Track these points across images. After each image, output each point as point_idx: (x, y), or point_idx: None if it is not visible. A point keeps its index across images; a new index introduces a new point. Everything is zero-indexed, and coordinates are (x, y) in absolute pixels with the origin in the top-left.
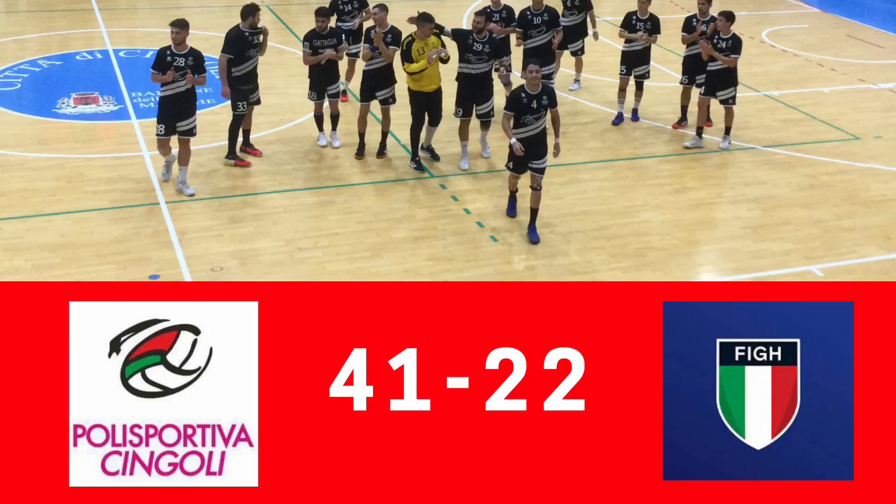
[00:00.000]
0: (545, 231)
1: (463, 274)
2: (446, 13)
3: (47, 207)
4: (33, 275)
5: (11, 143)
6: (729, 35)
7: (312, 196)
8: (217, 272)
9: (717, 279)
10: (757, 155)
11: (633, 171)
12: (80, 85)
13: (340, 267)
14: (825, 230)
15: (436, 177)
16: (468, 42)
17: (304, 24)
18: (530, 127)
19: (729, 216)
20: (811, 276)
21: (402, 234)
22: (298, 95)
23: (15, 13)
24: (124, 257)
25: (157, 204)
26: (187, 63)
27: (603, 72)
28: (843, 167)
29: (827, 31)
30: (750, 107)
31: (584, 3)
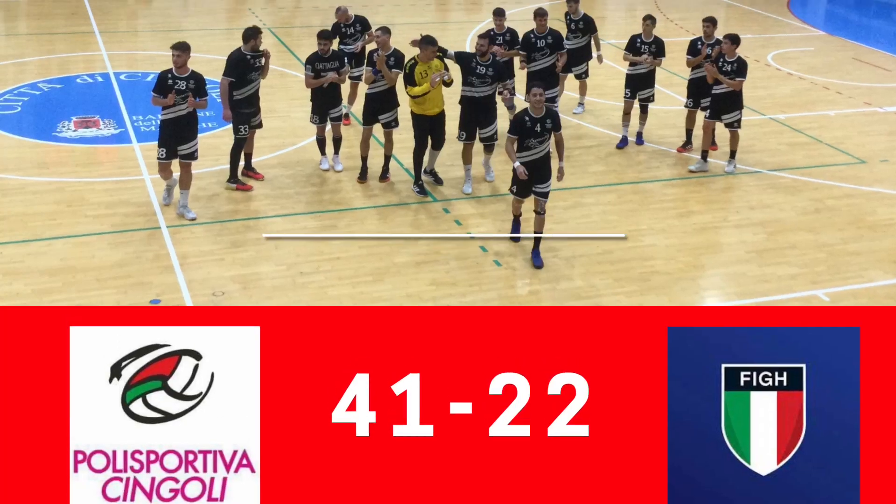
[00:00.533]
0: (549, 255)
1: (466, 298)
2: (449, 36)
3: (47, 231)
4: (33, 299)
5: (11, 166)
6: (734, 58)
7: (314, 220)
8: (218, 297)
9: (722, 304)
10: (762, 179)
11: (638, 194)
12: (80, 108)
13: (342, 291)
14: (831, 254)
15: (439, 201)
16: (471, 65)
17: (307, 47)
18: (534, 151)
19: (734, 240)
20: (817, 300)
21: (405, 258)
22: (300, 119)
23: (15, 36)
24: (125, 282)
25: (158, 228)
26: (188, 86)
27: (607, 95)
28: (848, 191)
29: (833, 54)
30: (755, 130)
31: (589, 26)
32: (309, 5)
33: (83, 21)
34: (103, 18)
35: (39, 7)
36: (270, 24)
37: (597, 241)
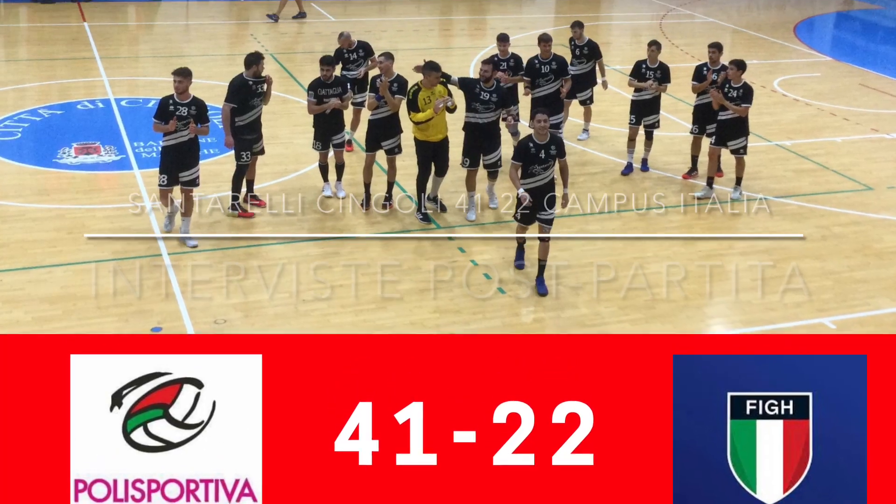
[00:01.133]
0: (553, 283)
1: (470, 326)
2: (453, 62)
3: (48, 259)
4: (33, 327)
5: (11, 193)
6: (740, 84)
7: (317, 247)
8: (220, 325)
9: (727, 332)
10: (768, 205)
11: (643, 221)
12: (81, 134)
13: (345, 319)
14: (837, 282)
15: (442, 228)
16: (475, 91)
17: (309, 72)
18: (538, 177)
19: (740, 268)
20: (823, 328)
21: (408, 285)
22: (303, 145)
23: (15, 62)
24: (126, 309)
25: (159, 255)
26: (190, 112)
27: (612, 121)
28: (855, 218)
29: (839, 80)
30: (761, 157)
31: (593, 52)
32: (311, 31)
33: (84, 47)
34: (104, 44)
35: (40, 33)
36: (272, 49)
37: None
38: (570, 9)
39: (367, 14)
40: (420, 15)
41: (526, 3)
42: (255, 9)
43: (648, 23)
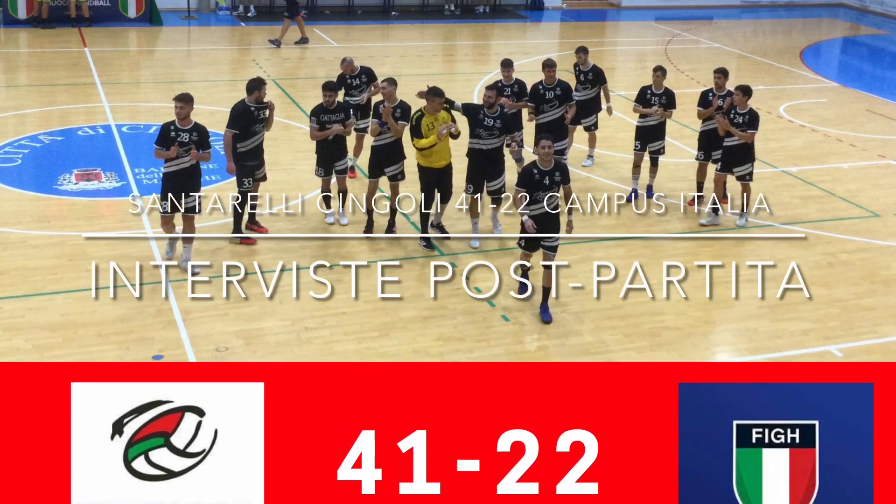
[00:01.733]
0: (558, 310)
1: (473, 354)
2: (456, 87)
3: (48, 286)
4: (34, 355)
5: (11, 220)
6: (746, 110)
7: (319, 274)
8: (222, 352)
9: (733, 359)
10: (774, 232)
11: (648, 248)
12: (81, 161)
13: (348, 347)
14: (844, 309)
15: (446, 255)
16: (479, 117)
17: (311, 98)
18: (543, 203)
19: (745, 295)
20: (830, 356)
21: (411, 313)
22: (305, 171)
23: (15, 87)
24: (127, 337)
25: (160, 282)
26: (191, 138)
27: (617, 147)
28: (862, 245)
29: (846, 106)
30: (767, 183)
31: (598, 77)
32: (314, 56)
33: (84, 72)
34: (105, 69)
35: (40, 58)
36: (275, 75)
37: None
38: (574, 34)
39: (369, 39)
40: (423, 40)
41: (530, 28)
42: (258, 34)
43: (653, 48)
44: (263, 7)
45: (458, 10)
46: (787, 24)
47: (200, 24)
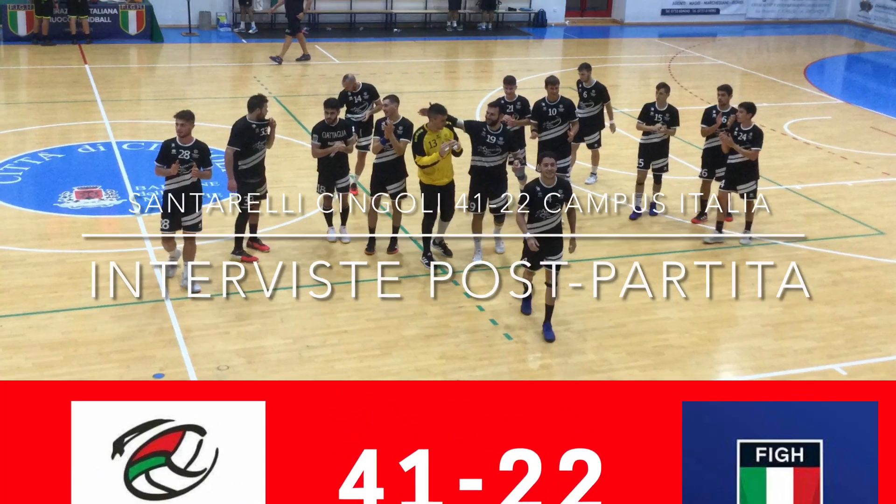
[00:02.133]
0: (560, 328)
1: (476, 373)
2: (459, 105)
3: (48, 304)
4: (34, 373)
5: (12, 238)
6: (750, 127)
7: (321, 292)
8: (223, 371)
9: (737, 378)
10: (778, 250)
11: (652, 266)
12: (82, 178)
13: (350, 365)
14: (848, 328)
15: (448, 273)
16: (481, 134)
17: (313, 115)
18: (545, 222)
19: (749, 313)
20: (834, 374)
21: (414, 331)
22: (307, 189)
23: (15, 104)
24: (128, 356)
25: (161, 301)
26: (192, 156)
27: (620, 165)
28: (866, 263)
29: (850, 123)
30: (772, 201)
31: (601, 95)
32: (315, 73)
33: (85, 89)
34: (105, 87)
35: (40, 75)
36: (276, 92)
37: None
38: (577, 51)
39: (371, 56)
40: (425, 57)
41: (533, 45)
42: (259, 51)
43: (657, 65)
44: (265, 24)
45: (460, 27)
46: (791, 41)
47: (201, 40)
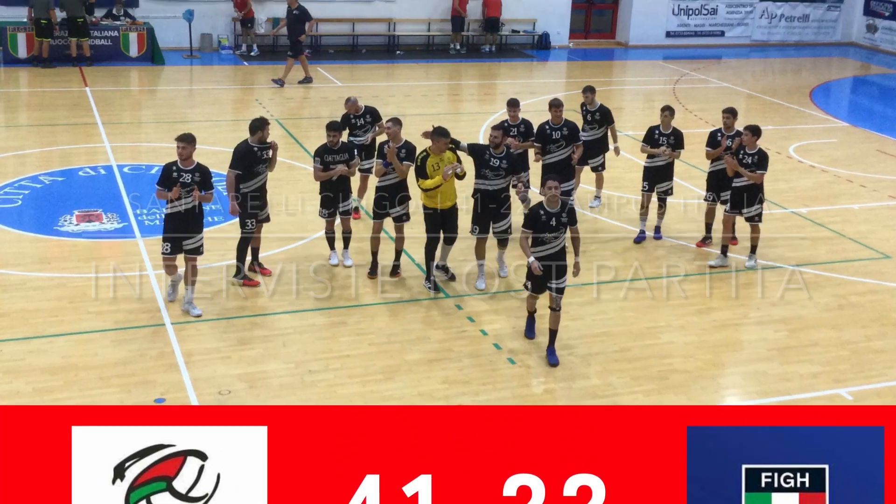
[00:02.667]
0: (564, 353)
1: (479, 397)
2: (462, 127)
3: (49, 328)
4: (34, 398)
5: (12, 262)
6: (755, 150)
7: (323, 317)
8: (225, 395)
9: (742, 403)
10: (784, 274)
11: (656, 290)
12: (82, 202)
13: (352, 390)
14: (854, 352)
15: (451, 297)
16: (485, 157)
17: (315, 138)
18: (549, 245)
19: (755, 337)
20: (840, 399)
21: (417, 356)
22: (309, 213)
23: (16, 127)
24: (129, 380)
25: (162, 325)
26: (194, 179)
27: (624, 188)
28: (872, 287)
29: (856, 146)
30: (777, 224)
31: (605, 118)
32: (317, 96)
33: (86, 112)
34: (106, 109)
35: (41, 98)
36: (278, 115)
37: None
38: (581, 73)
39: (374, 79)
40: (428, 80)
41: (536, 67)
42: (261, 73)
43: (661, 88)
44: (266, 46)
45: (463, 49)
46: (796, 64)
47: (203, 63)
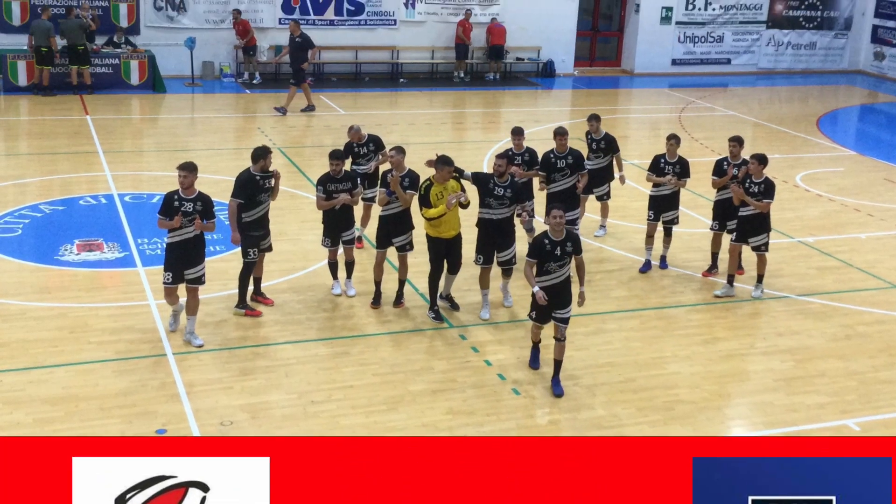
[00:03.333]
0: (569, 383)
1: (483, 428)
2: (466, 156)
3: (49, 359)
4: (34, 429)
5: (12, 291)
6: (761, 179)
7: (326, 347)
8: (226, 426)
9: (748, 434)
10: (790, 304)
11: (662, 320)
12: (83, 231)
13: (355, 421)
14: (861, 382)
15: (455, 327)
16: (489, 186)
17: (318, 167)
18: (554, 275)
19: (761, 368)
20: (847, 430)
21: (420, 386)
22: (311, 242)
23: (16, 156)
24: (130, 411)
25: (163, 355)
26: (195, 208)
27: (630, 217)
28: (880, 317)
29: (863, 175)
30: (783, 254)
31: (610, 146)
32: (320, 124)
33: (86, 140)
34: (107, 138)
35: (41, 126)
36: (280, 143)
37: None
38: (586, 101)
39: (377, 107)
40: (432, 108)
41: (541, 95)
42: (263, 101)
43: (667, 116)
44: (269, 74)
45: (467, 77)
46: (803, 92)
47: (204, 91)
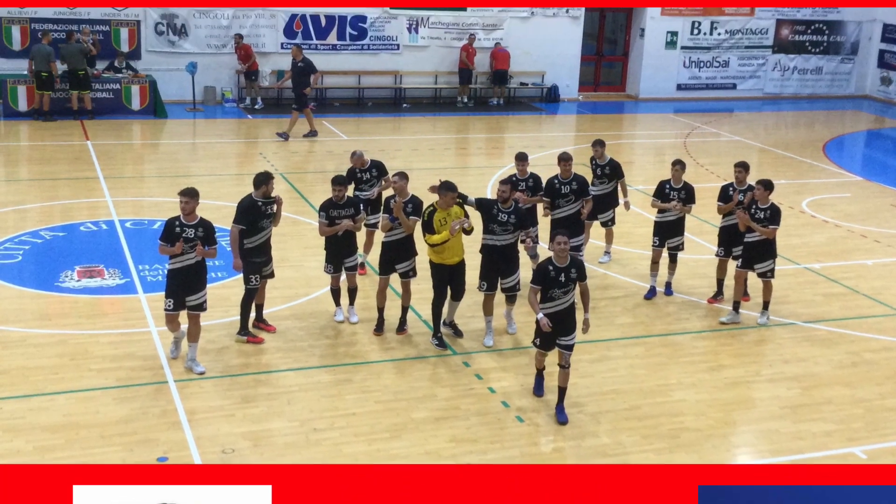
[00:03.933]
0: (574, 411)
1: (487, 456)
2: (469, 182)
3: (49, 386)
4: (35, 457)
5: (12, 318)
6: (767, 205)
7: (328, 374)
8: (228, 454)
9: (754, 462)
10: (796, 331)
11: (667, 347)
12: (84, 257)
13: (358, 449)
14: (868, 410)
15: (459, 354)
16: (493, 212)
17: (320, 193)
18: (558, 301)
19: (767, 395)
20: (854, 458)
21: (423, 414)
22: (314, 268)
23: (16, 181)
24: (131, 438)
25: (165, 382)
26: (197, 234)
27: (634, 243)
28: (887, 343)
29: (870, 201)
30: (789, 280)
31: (615, 172)
32: (323, 150)
33: (87, 166)
34: (108, 163)
35: (41, 151)
36: (282, 169)
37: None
38: (591, 126)
39: (380, 132)
40: (435, 133)
41: (545, 120)
42: (265, 127)
43: (672, 141)
44: (271, 99)
45: (471, 102)
46: (809, 117)
47: (206, 116)
